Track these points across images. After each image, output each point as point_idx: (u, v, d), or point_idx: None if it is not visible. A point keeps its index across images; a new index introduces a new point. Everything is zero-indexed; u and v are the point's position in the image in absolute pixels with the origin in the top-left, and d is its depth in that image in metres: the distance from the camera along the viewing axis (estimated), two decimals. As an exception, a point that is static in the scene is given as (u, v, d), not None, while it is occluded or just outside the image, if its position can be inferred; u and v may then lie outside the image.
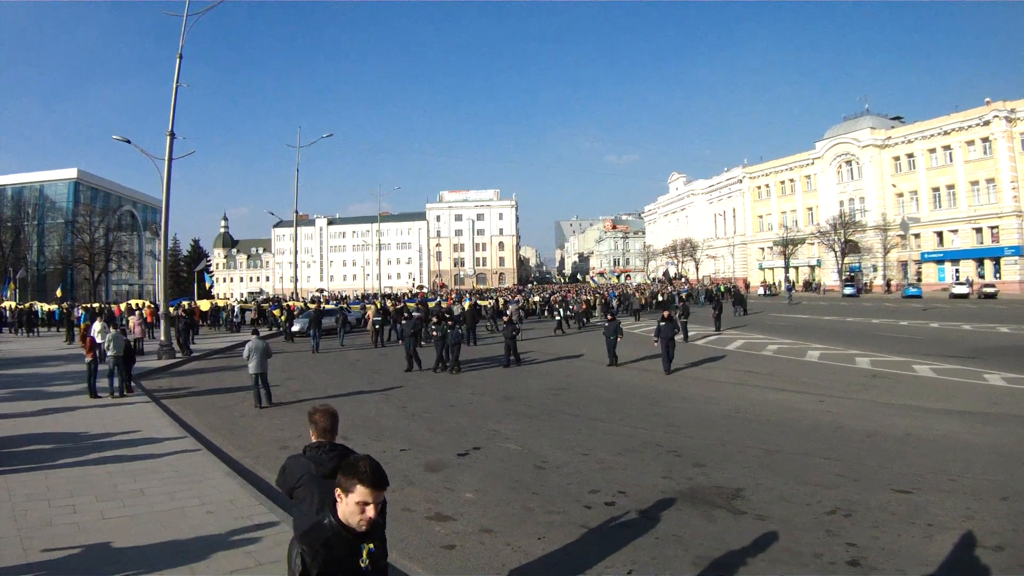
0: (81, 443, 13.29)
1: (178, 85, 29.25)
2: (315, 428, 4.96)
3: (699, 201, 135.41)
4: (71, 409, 17.03)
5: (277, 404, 18.29)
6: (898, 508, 9.07)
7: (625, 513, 9.21)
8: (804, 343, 29.71)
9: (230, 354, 31.44)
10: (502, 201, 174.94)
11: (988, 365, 21.67)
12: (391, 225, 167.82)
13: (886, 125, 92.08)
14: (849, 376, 21.04)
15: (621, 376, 22.20)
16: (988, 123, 74.70)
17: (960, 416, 15.01)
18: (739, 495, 9.84)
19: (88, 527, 8.50)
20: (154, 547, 7.68)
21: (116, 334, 19.54)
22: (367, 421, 15.70)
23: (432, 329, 25.69)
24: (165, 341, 28.65)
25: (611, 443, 13.31)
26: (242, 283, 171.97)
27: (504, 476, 11.13)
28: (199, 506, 9.21)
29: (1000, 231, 74.21)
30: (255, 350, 18.22)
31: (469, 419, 15.97)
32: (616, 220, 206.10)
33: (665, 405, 17.29)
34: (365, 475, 3.34)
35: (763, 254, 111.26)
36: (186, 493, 9.62)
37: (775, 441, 13.15)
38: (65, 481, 10.54)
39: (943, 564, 7.36)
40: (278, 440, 14.17)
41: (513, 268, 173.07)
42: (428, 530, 8.70)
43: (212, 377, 23.96)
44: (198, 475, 10.70)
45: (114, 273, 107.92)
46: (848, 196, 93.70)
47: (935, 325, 37.19)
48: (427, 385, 21.13)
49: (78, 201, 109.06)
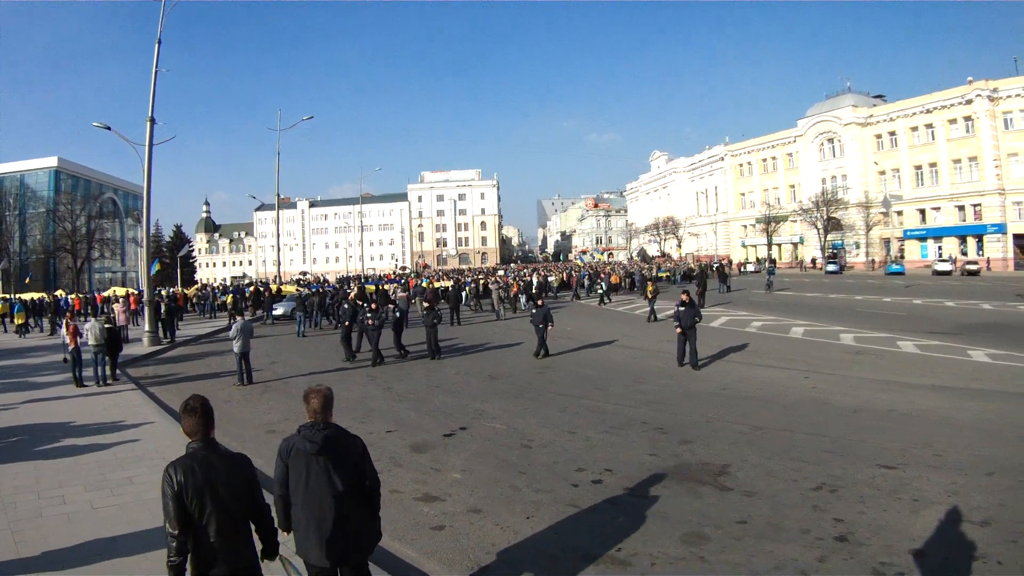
0: (68, 433, 13.23)
1: (158, 70, 28.96)
2: (308, 408, 4.98)
3: (681, 179, 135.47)
4: (57, 399, 16.96)
5: (260, 383, 18.43)
6: (884, 483, 9.14)
7: (612, 491, 9.24)
8: (788, 320, 29.83)
9: (214, 339, 31.35)
10: (484, 181, 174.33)
11: (972, 341, 21.81)
12: (373, 207, 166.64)
13: (868, 103, 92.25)
14: (833, 352, 21.15)
15: (605, 354, 22.19)
16: (971, 102, 74.81)
17: (944, 392, 15.12)
18: (725, 471, 9.89)
19: (78, 517, 8.48)
20: (145, 534, 7.60)
21: (95, 323, 19.43)
22: (353, 403, 15.63)
23: (367, 317, 22.00)
24: (150, 328, 28.46)
25: (597, 421, 13.36)
26: (225, 268, 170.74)
27: (491, 456, 11.16)
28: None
29: (983, 209, 74.54)
30: (242, 331, 18.56)
31: (454, 399, 15.97)
32: (598, 199, 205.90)
33: (650, 382, 17.32)
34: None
35: (745, 231, 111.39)
36: (174, 479, 9.56)
37: (760, 417, 13.21)
38: (53, 472, 10.50)
39: (930, 539, 7.41)
40: (265, 424, 14.13)
41: (496, 247, 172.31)
42: (416, 511, 8.73)
43: (197, 363, 23.85)
44: (185, 461, 10.63)
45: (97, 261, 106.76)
46: (830, 174, 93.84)
47: (918, 302, 37.38)
48: (412, 366, 21.07)
49: (59, 190, 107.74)
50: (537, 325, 22.10)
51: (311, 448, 4.80)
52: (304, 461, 4.83)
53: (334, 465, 4.83)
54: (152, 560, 5.67)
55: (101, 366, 18.75)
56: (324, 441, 4.82)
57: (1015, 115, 72.65)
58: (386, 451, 11.40)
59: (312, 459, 4.81)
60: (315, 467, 4.81)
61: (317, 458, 4.81)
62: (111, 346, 19.19)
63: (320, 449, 4.80)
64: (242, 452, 4.97)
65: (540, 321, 22.01)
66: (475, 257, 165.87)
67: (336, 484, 4.80)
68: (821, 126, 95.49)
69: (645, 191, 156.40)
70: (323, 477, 4.80)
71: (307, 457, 4.82)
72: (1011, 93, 72.39)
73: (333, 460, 4.84)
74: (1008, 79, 73.42)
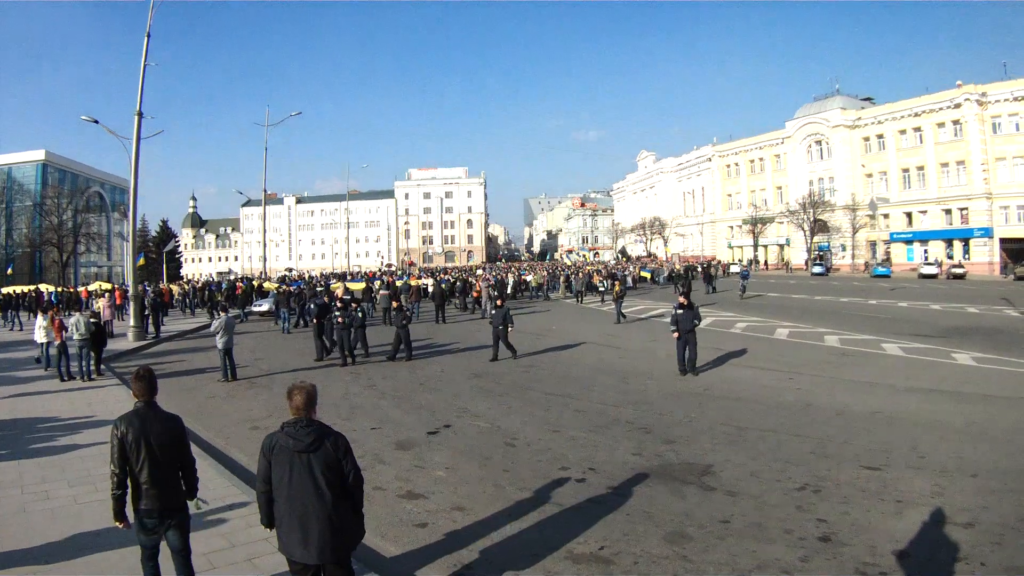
0: (52, 428, 13.19)
1: (146, 64, 28.76)
2: (291, 405, 4.99)
3: (668, 179, 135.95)
4: (42, 393, 16.89)
5: (245, 379, 18.34)
6: (867, 484, 9.17)
7: (596, 490, 9.24)
8: (773, 321, 29.88)
9: (199, 335, 31.20)
10: (470, 179, 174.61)
11: (957, 344, 21.89)
12: (359, 203, 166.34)
13: (857, 106, 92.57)
14: (818, 354, 21.21)
15: (590, 353, 22.14)
16: (959, 106, 75.11)
17: (929, 394, 15.20)
18: (709, 471, 9.90)
19: (62, 512, 8.46)
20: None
21: (79, 317, 19.32)
22: (337, 400, 15.60)
23: (336, 316, 21.71)
24: (135, 323, 28.27)
25: (581, 420, 13.36)
26: (211, 263, 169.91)
27: (475, 454, 11.15)
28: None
29: (970, 213, 74.87)
30: (225, 326, 18.50)
31: (438, 397, 15.95)
32: (585, 198, 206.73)
33: (634, 382, 17.35)
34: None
35: (732, 232, 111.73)
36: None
37: (744, 418, 13.24)
38: (37, 467, 10.47)
39: (913, 540, 7.44)
40: (248, 420, 14.07)
41: (482, 246, 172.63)
42: (400, 508, 8.71)
43: (181, 359, 23.68)
44: (169, 456, 10.57)
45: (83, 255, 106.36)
46: (818, 175, 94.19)
47: (904, 304, 37.50)
48: (395, 364, 21.00)
49: (46, 183, 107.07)
50: (496, 327, 21.38)
51: (294, 445, 4.82)
52: (287, 458, 4.84)
53: (317, 462, 4.83)
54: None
55: (86, 360, 18.64)
56: (307, 438, 4.84)
57: (1004, 119, 73.02)
58: (370, 448, 11.37)
59: (295, 456, 4.82)
60: (298, 464, 4.82)
61: (300, 455, 4.82)
62: (96, 340, 19.08)
63: (303, 446, 4.81)
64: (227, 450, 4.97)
65: (500, 322, 21.29)
66: (461, 255, 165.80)
67: (319, 481, 4.80)
68: (809, 128, 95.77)
69: (632, 191, 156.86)
70: (306, 474, 4.81)
71: (290, 454, 4.83)
72: (1000, 97, 72.74)
73: (316, 457, 4.84)
74: (997, 83, 73.78)
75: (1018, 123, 72.05)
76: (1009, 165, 72.48)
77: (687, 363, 18.03)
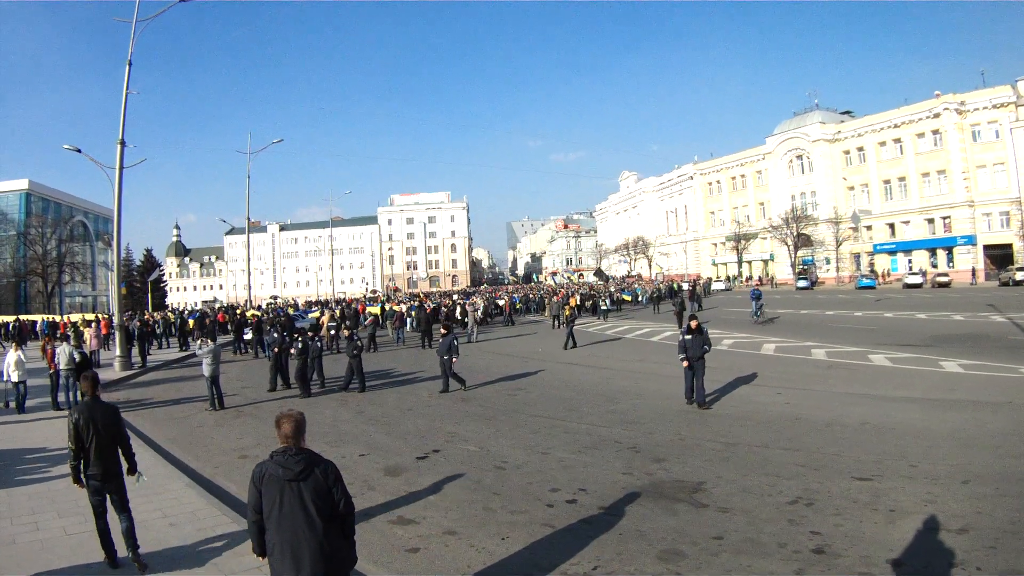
0: (41, 458, 13.10)
1: (128, 92, 28.72)
2: (280, 433, 4.98)
3: (650, 198, 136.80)
4: (31, 422, 16.87)
5: (232, 408, 18.22)
6: (859, 495, 9.18)
7: (587, 510, 9.20)
8: (759, 337, 30.01)
9: (185, 364, 31.00)
10: (453, 203, 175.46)
11: (944, 352, 22.04)
12: (343, 230, 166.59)
13: (836, 119, 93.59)
14: (806, 368, 21.31)
15: (577, 375, 22.11)
16: (938, 115, 76.18)
17: (918, 403, 15.28)
18: (700, 488, 9.88)
19: (52, 543, 8.38)
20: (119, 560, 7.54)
21: (66, 347, 19.22)
22: (325, 427, 15.48)
23: (296, 342, 21.08)
24: (122, 353, 28.08)
25: (570, 441, 13.32)
26: (196, 292, 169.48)
27: (464, 478, 11.07)
28: (162, 518, 9.08)
29: (952, 221, 75.69)
30: (212, 355, 18.42)
31: (427, 422, 15.86)
32: (568, 219, 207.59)
33: (622, 402, 17.31)
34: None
35: (716, 250, 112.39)
36: (148, 506, 9.38)
37: (734, 434, 13.25)
38: (27, 498, 10.37)
39: (907, 548, 7.45)
40: (237, 449, 13.95)
41: (466, 270, 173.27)
42: (391, 534, 8.64)
43: (168, 388, 23.41)
44: (159, 487, 10.46)
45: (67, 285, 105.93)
46: (800, 190, 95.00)
47: (889, 315, 37.77)
48: (383, 389, 20.93)
49: (30, 212, 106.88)
50: (441, 357, 19.91)
51: (284, 474, 4.79)
52: (277, 487, 4.80)
53: (307, 490, 4.80)
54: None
55: (73, 391, 18.52)
56: (297, 467, 4.81)
57: (983, 127, 74.10)
58: (359, 475, 11.29)
59: (285, 485, 4.79)
60: (288, 493, 4.78)
61: (290, 484, 4.78)
62: (81, 371, 18.95)
63: (293, 475, 4.78)
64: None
65: (444, 352, 19.79)
66: (446, 280, 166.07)
67: (309, 509, 4.77)
68: (790, 143, 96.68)
69: (615, 211, 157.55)
70: (296, 502, 4.77)
71: (280, 483, 4.79)
72: (979, 105, 73.89)
73: (306, 485, 4.81)
74: (976, 91, 74.94)
75: (997, 130, 73.18)
76: (990, 172, 73.47)
77: (696, 395, 16.19)
